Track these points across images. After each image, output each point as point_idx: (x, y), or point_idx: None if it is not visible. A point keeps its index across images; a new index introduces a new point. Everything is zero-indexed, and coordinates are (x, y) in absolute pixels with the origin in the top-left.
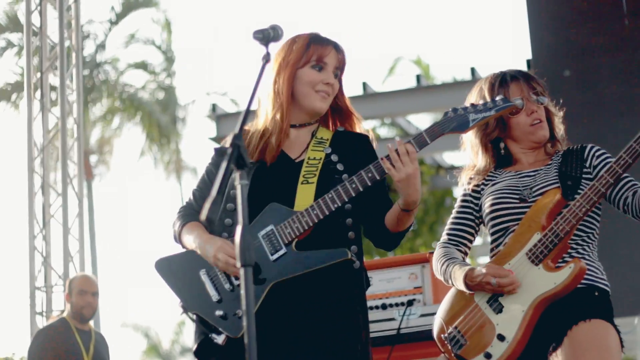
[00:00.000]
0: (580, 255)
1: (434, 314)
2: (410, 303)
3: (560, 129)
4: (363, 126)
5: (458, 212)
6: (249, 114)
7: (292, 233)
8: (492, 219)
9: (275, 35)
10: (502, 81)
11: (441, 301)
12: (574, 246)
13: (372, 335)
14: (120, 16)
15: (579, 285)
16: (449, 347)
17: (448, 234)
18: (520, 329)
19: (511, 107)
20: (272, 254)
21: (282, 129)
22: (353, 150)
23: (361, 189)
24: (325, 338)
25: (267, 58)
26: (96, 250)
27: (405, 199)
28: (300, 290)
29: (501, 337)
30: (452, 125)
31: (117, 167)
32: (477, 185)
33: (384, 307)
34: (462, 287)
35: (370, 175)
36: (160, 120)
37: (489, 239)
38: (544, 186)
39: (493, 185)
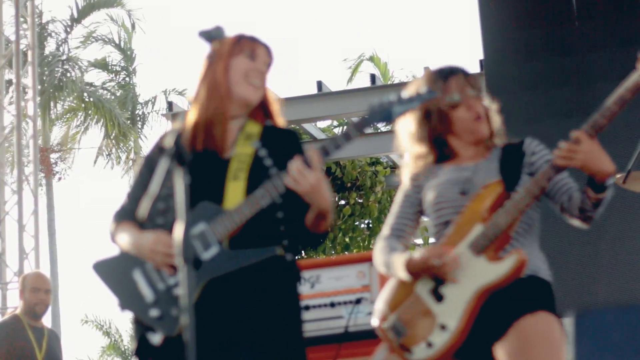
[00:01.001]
0: (521, 246)
1: None
2: (358, 301)
3: (496, 121)
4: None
5: (399, 207)
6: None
7: (224, 231)
8: (434, 211)
9: (219, 34)
10: (440, 76)
11: None
12: (516, 237)
13: (320, 333)
14: (82, 14)
15: (522, 276)
16: (390, 337)
17: (390, 229)
18: (462, 318)
19: (435, 98)
20: (204, 253)
21: (225, 119)
22: (282, 145)
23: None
24: (259, 332)
25: (212, 56)
26: (56, 247)
27: (316, 207)
28: (234, 285)
29: (443, 327)
30: (377, 117)
31: (78, 165)
32: (417, 180)
33: (332, 305)
34: (403, 275)
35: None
36: (120, 119)
37: (431, 224)
38: (485, 179)
39: (434, 179)
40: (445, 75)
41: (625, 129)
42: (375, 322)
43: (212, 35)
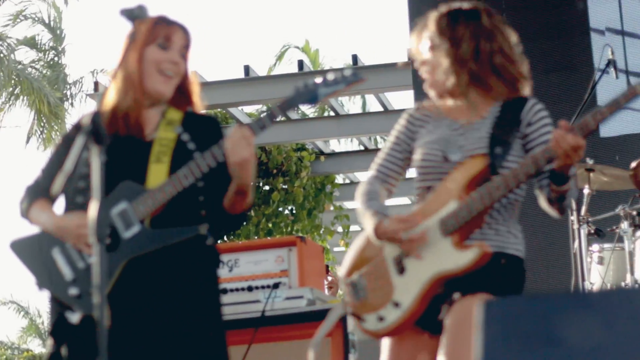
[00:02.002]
0: (493, 221)
1: (299, 297)
2: (276, 286)
3: (443, 63)
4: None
5: (390, 148)
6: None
7: (146, 210)
8: (419, 174)
9: (141, 13)
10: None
11: (307, 284)
12: (492, 214)
13: (237, 317)
14: None
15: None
16: (350, 294)
17: (376, 169)
18: (415, 299)
19: (360, 80)
20: (125, 231)
21: (138, 109)
22: (203, 131)
23: (213, 165)
24: (178, 313)
25: (133, 35)
26: None
27: (238, 181)
28: (154, 266)
29: (396, 304)
30: (302, 99)
31: (5, 145)
32: (413, 124)
33: (249, 289)
34: (371, 237)
35: (217, 152)
36: (49, 98)
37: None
38: (473, 149)
39: (428, 133)
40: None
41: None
42: (341, 271)
43: (134, 14)
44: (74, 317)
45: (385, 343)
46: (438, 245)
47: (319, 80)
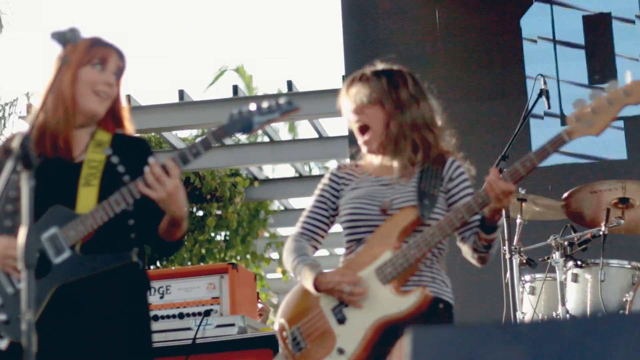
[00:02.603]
0: (428, 269)
1: (231, 324)
2: (207, 313)
3: (401, 120)
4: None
5: (315, 206)
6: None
7: (76, 236)
8: (348, 227)
9: (73, 37)
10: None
11: (239, 312)
12: (425, 263)
13: (168, 344)
14: None
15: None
16: (290, 347)
17: (302, 227)
18: (359, 346)
19: (295, 110)
20: (55, 257)
21: (68, 130)
22: (133, 153)
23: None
24: (107, 340)
25: (64, 59)
26: None
27: (170, 215)
28: (84, 292)
29: (341, 351)
30: (237, 127)
31: None
32: (338, 183)
33: (180, 316)
34: (311, 289)
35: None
36: None
37: (344, 238)
38: (402, 201)
39: (352, 189)
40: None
41: (477, 152)
42: (275, 326)
43: (66, 38)
44: (2, 344)
45: None
46: (377, 293)
47: (253, 108)
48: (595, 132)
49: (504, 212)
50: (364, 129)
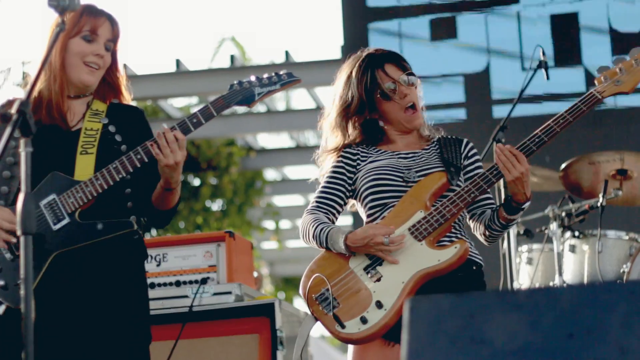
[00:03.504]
0: (457, 232)
1: (227, 292)
2: (204, 281)
3: (422, 101)
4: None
5: (329, 181)
6: (37, 82)
7: (76, 203)
8: (372, 193)
9: (71, 5)
10: (374, 64)
11: (235, 280)
12: (454, 232)
13: (164, 312)
14: None
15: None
16: (320, 308)
17: (317, 201)
18: (399, 298)
19: (296, 81)
20: (54, 224)
21: (61, 99)
22: (129, 122)
23: (146, 160)
24: (104, 307)
25: (61, 27)
26: None
27: (167, 180)
28: (83, 260)
29: (379, 304)
30: (237, 98)
31: None
32: (353, 159)
33: (177, 284)
34: (342, 249)
35: (148, 151)
36: None
37: (364, 213)
38: (427, 168)
39: (371, 162)
40: (380, 62)
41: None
42: (303, 290)
43: (64, 6)
44: None
45: (351, 353)
46: (413, 250)
47: (253, 79)
48: (627, 89)
49: (528, 196)
50: (412, 106)
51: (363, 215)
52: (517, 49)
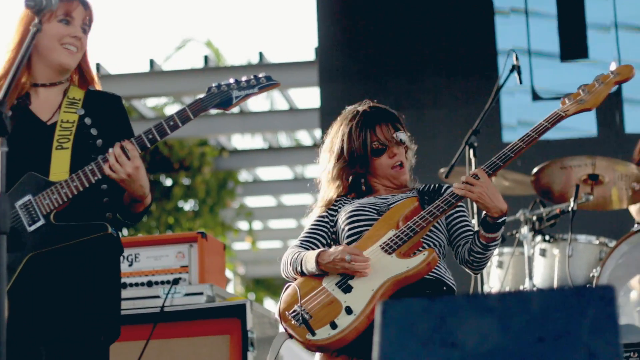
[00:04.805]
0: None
1: (199, 293)
2: (176, 282)
3: (411, 162)
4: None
5: (312, 225)
6: (14, 81)
7: (51, 204)
8: (349, 224)
9: (48, 4)
10: (369, 122)
11: (207, 281)
12: (425, 247)
13: (136, 312)
14: None
15: (429, 277)
16: (292, 322)
17: (300, 239)
18: (369, 304)
19: (275, 85)
20: (29, 225)
21: (19, 88)
22: (105, 112)
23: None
24: (79, 308)
25: (38, 27)
26: None
27: (131, 194)
28: (57, 261)
29: (349, 310)
30: (215, 101)
31: None
32: (335, 205)
33: (149, 284)
34: (313, 268)
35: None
36: None
37: (344, 241)
38: (401, 200)
39: (351, 204)
40: (375, 121)
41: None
42: (279, 309)
43: (41, 6)
44: None
45: None
46: (383, 262)
47: (232, 82)
48: (589, 106)
49: (502, 208)
50: (400, 165)
51: None
52: None
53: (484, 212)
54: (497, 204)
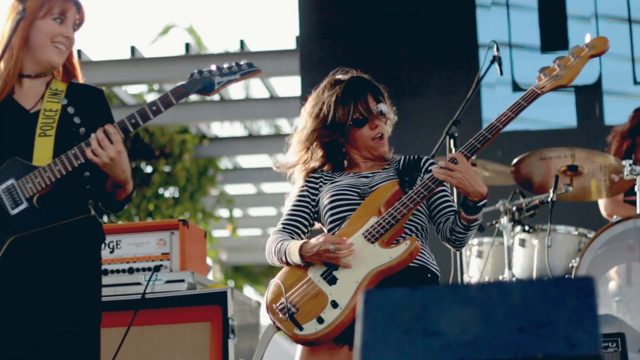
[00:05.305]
0: (416, 237)
1: (180, 280)
2: (157, 269)
3: (389, 132)
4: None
5: (294, 205)
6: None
7: (34, 188)
8: (331, 209)
9: None
10: (354, 92)
11: (188, 268)
12: (409, 233)
13: (117, 299)
14: None
15: (413, 265)
16: (280, 315)
17: (283, 224)
18: (354, 297)
19: (256, 72)
20: (12, 209)
21: (10, 79)
22: (88, 103)
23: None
24: (60, 292)
25: (22, 15)
26: None
27: (114, 179)
28: (40, 245)
29: (334, 304)
30: (197, 87)
31: None
32: (316, 183)
33: (130, 271)
34: (297, 260)
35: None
36: None
37: (326, 230)
38: (382, 182)
39: (332, 183)
40: (360, 91)
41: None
42: (266, 302)
43: None
44: None
45: (300, 355)
46: (366, 252)
47: (214, 68)
48: (565, 82)
49: (482, 192)
50: (380, 136)
51: (326, 232)
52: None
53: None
54: (477, 188)
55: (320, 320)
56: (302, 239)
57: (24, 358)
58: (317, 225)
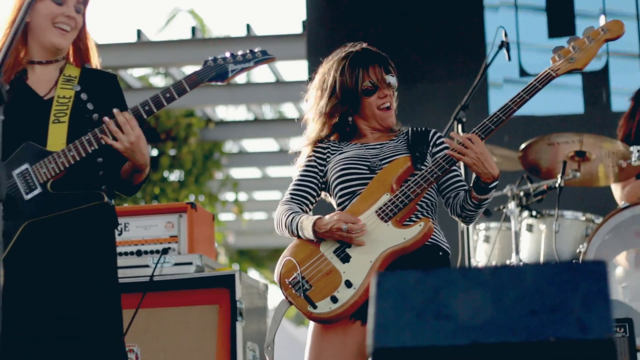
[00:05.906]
0: (427, 214)
1: (188, 263)
2: (165, 251)
3: (395, 105)
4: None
5: (302, 175)
6: (9, 50)
7: (48, 173)
8: (341, 183)
9: None
10: (363, 61)
11: (196, 251)
12: (420, 210)
13: (125, 281)
14: None
15: (426, 243)
16: (293, 292)
17: (291, 194)
18: (367, 277)
19: (270, 59)
20: (26, 193)
21: (17, 64)
22: (102, 88)
23: (96, 147)
24: (76, 277)
25: None
26: None
27: (134, 163)
28: (53, 229)
29: (348, 284)
30: (211, 74)
31: None
32: (323, 153)
33: (138, 253)
34: (310, 235)
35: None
36: None
37: (335, 203)
38: (392, 155)
39: (340, 154)
40: (369, 61)
41: (437, 102)
42: (277, 276)
43: None
44: None
45: (313, 330)
46: (380, 231)
47: (228, 55)
48: (580, 66)
49: (494, 174)
50: (388, 107)
51: (335, 205)
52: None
53: (474, 175)
54: (490, 170)
55: (334, 300)
56: (310, 209)
57: (43, 345)
58: (324, 194)
